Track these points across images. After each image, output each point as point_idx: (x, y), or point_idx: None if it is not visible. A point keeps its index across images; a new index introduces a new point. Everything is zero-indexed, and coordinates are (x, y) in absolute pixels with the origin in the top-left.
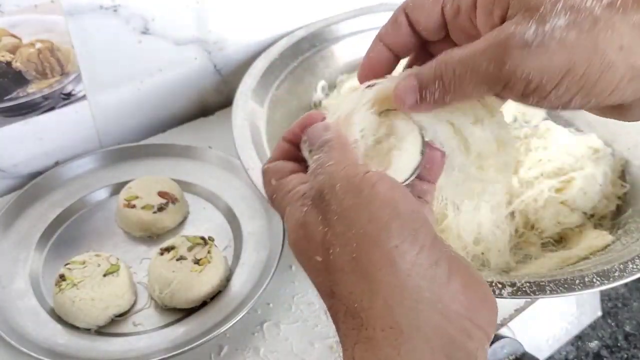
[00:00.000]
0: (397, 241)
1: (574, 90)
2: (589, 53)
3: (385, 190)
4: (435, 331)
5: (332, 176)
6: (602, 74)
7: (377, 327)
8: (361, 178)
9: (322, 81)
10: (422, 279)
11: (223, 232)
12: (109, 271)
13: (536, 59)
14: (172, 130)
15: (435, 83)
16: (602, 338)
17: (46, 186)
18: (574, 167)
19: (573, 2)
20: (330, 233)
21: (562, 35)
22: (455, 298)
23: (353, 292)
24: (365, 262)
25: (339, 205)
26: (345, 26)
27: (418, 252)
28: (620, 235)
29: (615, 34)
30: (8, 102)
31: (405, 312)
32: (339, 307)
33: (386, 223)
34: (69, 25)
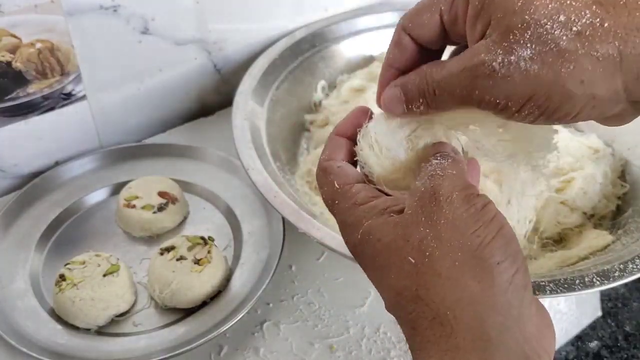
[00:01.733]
0: (500, 259)
1: (536, 113)
2: (550, 85)
3: (495, 211)
4: (516, 348)
5: (453, 183)
6: (562, 103)
7: (467, 337)
8: (476, 196)
9: (322, 81)
10: (514, 298)
11: (223, 232)
12: (109, 271)
13: (501, 88)
14: (172, 130)
15: (419, 99)
16: (602, 338)
17: (46, 186)
18: (574, 167)
19: (541, 31)
20: (432, 236)
21: (526, 66)
22: (531, 321)
23: (445, 299)
24: (466, 271)
25: (452, 212)
26: (345, 26)
27: (515, 273)
28: (620, 235)
29: (578, 68)
30: (8, 102)
31: (495, 325)
32: (424, 313)
33: (492, 240)
34: (69, 25)
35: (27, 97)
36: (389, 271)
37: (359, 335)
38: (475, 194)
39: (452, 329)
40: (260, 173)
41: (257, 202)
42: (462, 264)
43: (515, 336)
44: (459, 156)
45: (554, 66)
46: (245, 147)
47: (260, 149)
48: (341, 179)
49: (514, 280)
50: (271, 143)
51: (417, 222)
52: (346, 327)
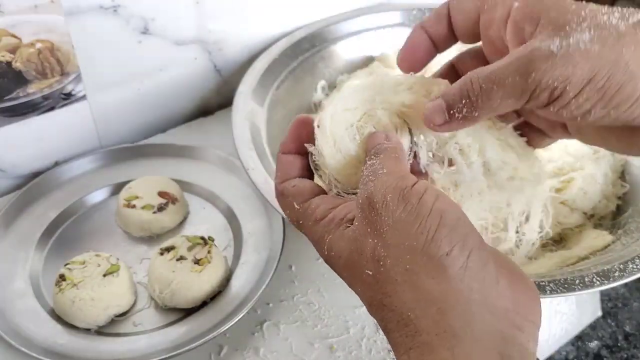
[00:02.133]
0: (447, 249)
1: (595, 98)
2: (612, 64)
3: (432, 200)
4: (487, 330)
5: (384, 186)
6: (623, 85)
7: (432, 332)
8: (410, 190)
9: (322, 81)
10: (473, 281)
11: (223, 232)
12: (109, 271)
13: (560, 68)
14: (172, 130)
15: (462, 101)
16: (602, 338)
17: (46, 186)
18: (574, 167)
19: (599, 20)
20: (381, 245)
21: (587, 47)
22: (503, 295)
23: (406, 302)
24: (418, 272)
25: (390, 217)
26: (345, 26)
27: (468, 256)
28: (620, 235)
29: (639, 49)
30: (8, 102)
31: (457, 315)
32: (390, 317)
33: (435, 233)
34: (69, 25)
35: (27, 97)
36: (355, 284)
37: (359, 335)
38: (408, 188)
39: (416, 327)
40: (260, 173)
41: (257, 202)
42: (413, 264)
43: (482, 319)
44: (392, 142)
45: (616, 47)
46: (245, 147)
47: (260, 149)
48: (299, 198)
49: (468, 265)
50: (271, 143)
51: (365, 233)
52: (346, 327)
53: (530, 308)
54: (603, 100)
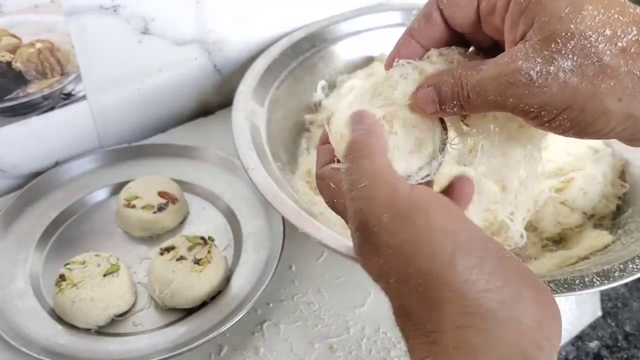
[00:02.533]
0: (465, 276)
1: (568, 126)
2: (587, 99)
3: (440, 218)
4: (509, 347)
5: (371, 203)
6: (596, 119)
7: (450, 345)
8: (408, 203)
9: (322, 81)
10: (493, 302)
11: (223, 232)
12: (109, 271)
13: (536, 97)
14: (172, 130)
15: (452, 101)
16: (602, 338)
17: (46, 186)
18: (574, 167)
19: (585, 43)
20: (387, 266)
21: (565, 77)
22: (526, 312)
23: (422, 317)
24: (434, 296)
25: (391, 238)
26: (345, 26)
27: (487, 280)
28: (620, 235)
29: (617, 86)
30: (8, 102)
31: (477, 333)
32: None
33: (450, 258)
34: (69, 25)
35: (27, 97)
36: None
37: (359, 335)
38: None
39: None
40: (260, 173)
41: (257, 202)
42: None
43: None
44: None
45: (594, 81)
46: (245, 147)
47: (260, 149)
48: (335, 179)
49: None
50: (271, 143)
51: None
52: (346, 327)
53: (551, 327)
54: (576, 129)
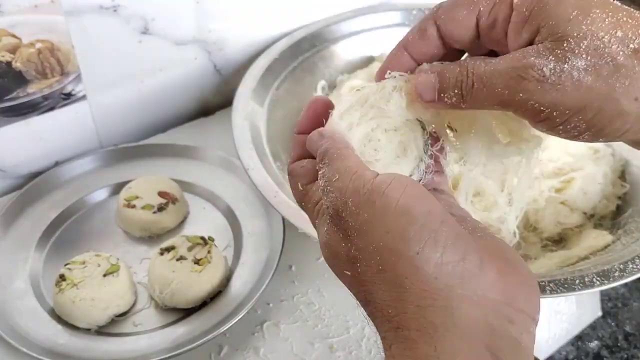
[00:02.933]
0: (417, 248)
1: (582, 128)
2: (602, 99)
3: (397, 196)
4: (472, 324)
5: (341, 192)
6: (612, 120)
7: (412, 328)
8: (370, 187)
9: (322, 81)
10: (451, 277)
11: (223, 232)
12: (109, 271)
13: (549, 95)
14: (172, 130)
15: (454, 90)
16: (602, 338)
17: (46, 186)
18: (574, 167)
19: (598, 43)
20: (354, 248)
21: (579, 77)
22: (491, 286)
23: (385, 300)
24: (391, 273)
25: (355, 221)
26: (345, 26)
27: (442, 252)
28: (620, 235)
29: (633, 85)
30: (8, 102)
31: (437, 311)
32: (375, 314)
33: (403, 231)
34: (69, 25)
35: (27, 97)
36: (340, 278)
37: (359, 335)
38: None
39: (398, 323)
40: (260, 173)
41: (257, 202)
42: (385, 265)
43: (467, 313)
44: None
45: (609, 80)
46: (245, 147)
47: (260, 149)
48: (303, 179)
49: (443, 261)
50: (271, 143)
51: (337, 239)
52: (346, 327)
53: (524, 299)
54: (591, 131)
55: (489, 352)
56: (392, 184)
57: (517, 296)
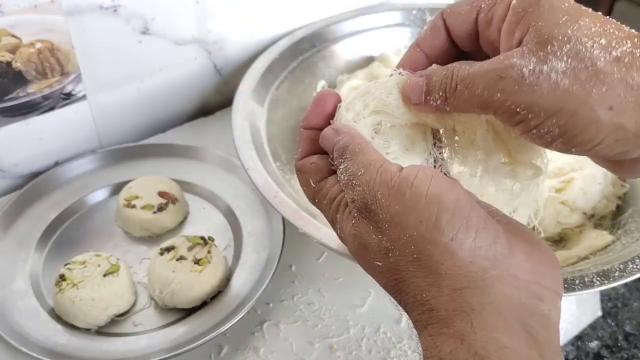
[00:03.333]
0: (451, 234)
1: (556, 133)
2: (577, 103)
3: (426, 186)
4: (507, 302)
5: (369, 186)
6: (586, 127)
7: (449, 309)
8: (398, 180)
9: (322, 81)
10: (484, 260)
11: (223, 232)
12: (109, 271)
13: (526, 95)
14: (172, 130)
15: (439, 92)
16: (602, 338)
17: (46, 186)
18: (574, 167)
19: (580, 47)
20: (386, 239)
21: (557, 79)
22: (520, 267)
23: (420, 286)
24: (427, 260)
25: (386, 213)
26: (345, 26)
27: (474, 237)
28: (620, 235)
29: (609, 93)
30: (8, 102)
31: (473, 292)
32: (406, 299)
33: (436, 220)
34: (69, 25)
35: (27, 97)
36: (368, 269)
37: (359, 335)
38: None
39: (432, 306)
40: (260, 173)
41: (257, 202)
42: (420, 254)
43: (501, 293)
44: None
45: (586, 85)
46: (245, 147)
47: (260, 149)
48: (315, 176)
49: (476, 245)
50: (271, 143)
51: (367, 231)
52: (346, 327)
53: (550, 277)
54: (564, 137)
55: (522, 328)
56: (419, 175)
57: (544, 275)
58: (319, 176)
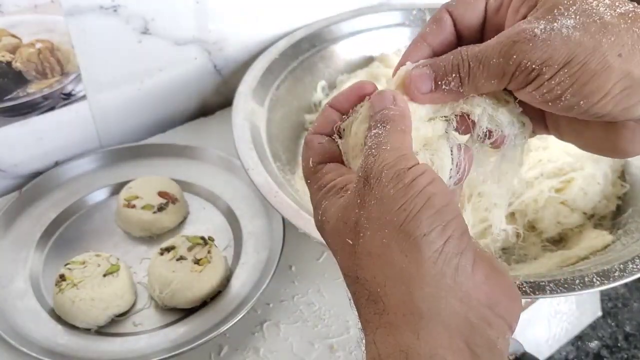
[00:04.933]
0: (426, 230)
1: (567, 83)
2: (589, 52)
3: (424, 183)
4: (455, 317)
5: (383, 162)
6: (597, 73)
7: (399, 313)
8: (406, 171)
9: (322, 81)
10: (446, 266)
11: (223, 232)
12: (109, 271)
13: (540, 50)
14: (172, 130)
15: (452, 74)
16: (602, 338)
17: (46, 186)
18: (574, 167)
19: (586, 6)
20: (365, 217)
21: (568, 33)
22: (477, 287)
23: (376, 277)
24: (394, 247)
25: (379, 192)
26: (345, 26)
27: (445, 242)
28: (620, 235)
29: (618, 41)
30: (8, 102)
31: (426, 297)
32: (362, 292)
33: (418, 213)
34: (69, 25)
35: (27, 97)
36: (336, 252)
37: (359, 335)
38: (405, 169)
39: (385, 305)
40: (260, 173)
41: (257, 202)
42: (390, 239)
43: (451, 305)
44: (399, 107)
45: (596, 35)
46: (245, 147)
47: (260, 149)
48: (317, 157)
49: (444, 249)
50: (271, 143)
51: (354, 204)
52: (346, 327)
53: (504, 306)
54: (575, 87)
55: (467, 347)
56: (425, 173)
57: (498, 302)
58: (320, 158)
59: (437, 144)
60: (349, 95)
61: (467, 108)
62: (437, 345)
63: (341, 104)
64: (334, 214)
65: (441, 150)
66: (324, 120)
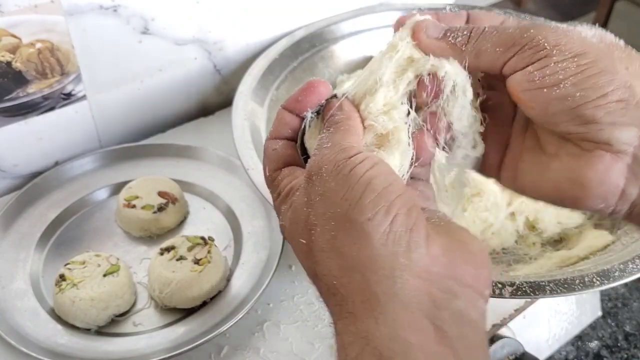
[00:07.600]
0: (370, 214)
1: (572, 71)
2: (601, 54)
3: (364, 169)
4: (414, 295)
5: (322, 159)
6: (603, 71)
7: (357, 301)
8: (345, 162)
9: None
10: (397, 245)
11: (223, 232)
12: (109, 271)
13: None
14: (172, 130)
15: (463, 32)
16: (602, 338)
17: (46, 186)
18: None
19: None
20: (312, 214)
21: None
22: (434, 261)
23: (331, 270)
24: (342, 238)
25: (321, 187)
26: (345, 26)
27: (391, 221)
28: (620, 235)
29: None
30: (8, 102)
31: (380, 280)
32: (322, 288)
33: (359, 199)
34: (69, 25)
35: (27, 97)
36: (296, 253)
37: None
38: (344, 160)
39: (343, 296)
40: (260, 173)
41: (257, 202)
42: (337, 231)
43: (408, 283)
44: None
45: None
46: (245, 147)
47: (260, 149)
48: (272, 164)
49: (392, 229)
50: None
51: (302, 203)
52: None
53: (470, 275)
54: (579, 77)
55: (431, 323)
56: (365, 161)
57: (463, 272)
58: (275, 165)
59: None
60: (301, 96)
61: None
62: (397, 326)
63: (294, 105)
64: (289, 217)
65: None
66: (278, 123)
